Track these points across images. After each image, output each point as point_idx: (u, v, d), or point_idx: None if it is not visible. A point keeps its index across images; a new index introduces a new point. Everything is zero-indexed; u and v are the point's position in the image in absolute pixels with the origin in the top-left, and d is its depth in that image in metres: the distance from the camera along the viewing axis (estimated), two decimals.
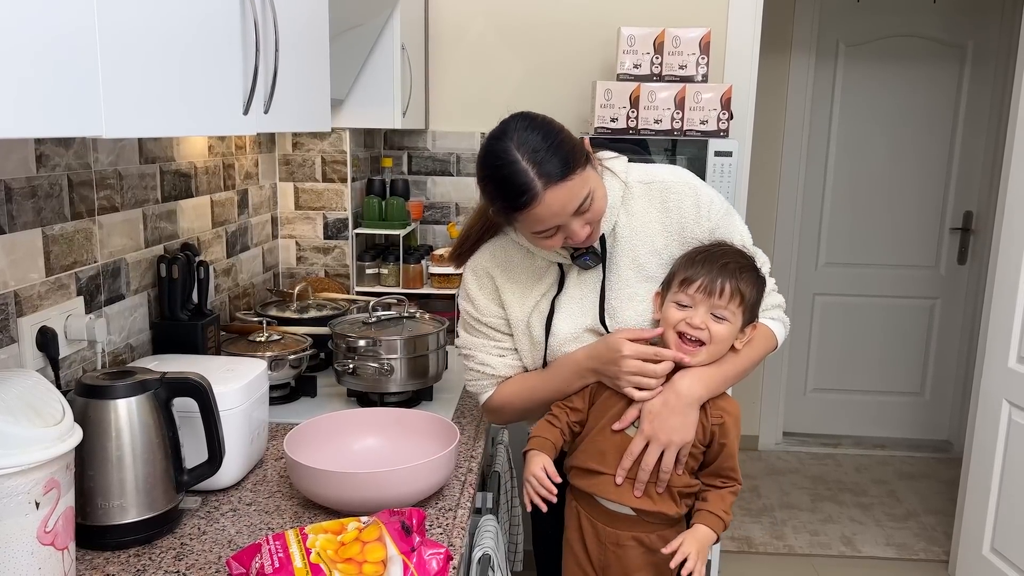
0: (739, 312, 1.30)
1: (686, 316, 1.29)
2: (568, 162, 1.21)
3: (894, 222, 3.91)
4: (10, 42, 0.68)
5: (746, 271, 1.31)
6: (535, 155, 1.19)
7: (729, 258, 1.31)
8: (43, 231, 1.30)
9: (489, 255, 1.44)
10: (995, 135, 3.74)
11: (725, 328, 1.29)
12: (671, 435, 1.28)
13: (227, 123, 1.11)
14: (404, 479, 1.23)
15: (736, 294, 1.28)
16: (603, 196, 1.29)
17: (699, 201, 1.37)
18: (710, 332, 1.28)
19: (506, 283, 1.42)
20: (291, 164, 2.34)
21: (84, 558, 1.12)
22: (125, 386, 1.14)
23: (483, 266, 1.44)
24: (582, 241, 1.28)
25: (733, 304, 1.28)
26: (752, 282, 1.31)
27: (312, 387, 1.80)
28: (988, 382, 2.58)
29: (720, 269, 1.29)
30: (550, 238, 1.27)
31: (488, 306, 1.44)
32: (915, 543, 3.16)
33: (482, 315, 1.45)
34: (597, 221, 1.28)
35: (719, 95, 2.23)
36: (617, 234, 1.38)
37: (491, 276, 1.43)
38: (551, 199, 1.20)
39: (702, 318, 1.28)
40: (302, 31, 1.41)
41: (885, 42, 3.74)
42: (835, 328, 4.03)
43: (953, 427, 4.03)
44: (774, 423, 4.04)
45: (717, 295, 1.27)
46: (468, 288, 1.46)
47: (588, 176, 1.24)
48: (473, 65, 2.65)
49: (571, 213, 1.23)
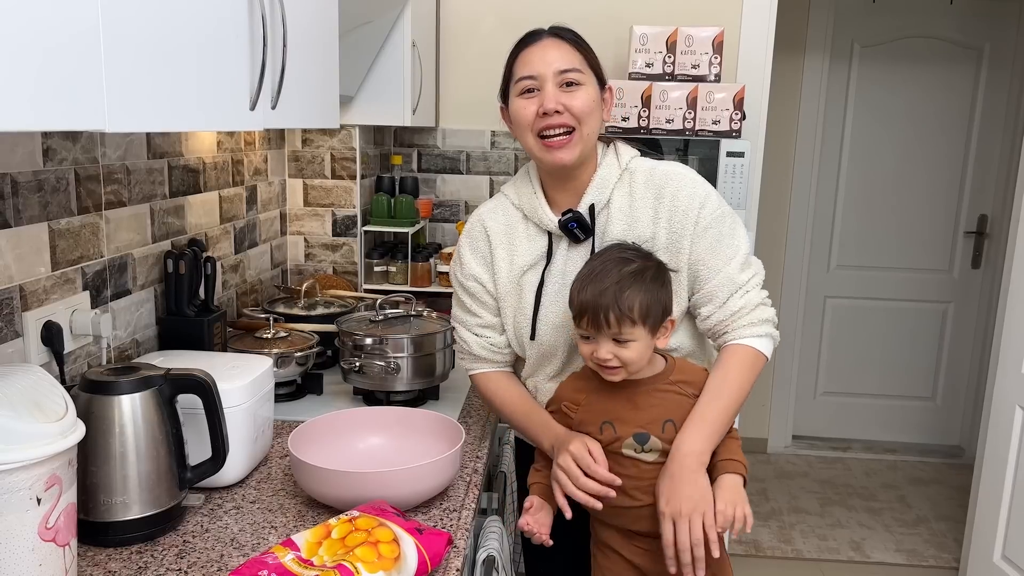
0: (638, 327, 1.24)
1: (592, 349, 1.27)
2: (580, 43, 1.36)
3: (907, 225, 3.88)
4: (10, 34, 0.67)
5: (628, 286, 1.23)
6: (556, 25, 1.39)
7: (610, 278, 1.24)
8: (49, 225, 1.30)
9: (488, 209, 1.48)
10: (1011, 138, 3.70)
11: (632, 350, 1.25)
12: (693, 506, 1.22)
13: (233, 118, 1.10)
14: (409, 479, 1.22)
15: (624, 318, 1.22)
16: (591, 106, 1.33)
17: (694, 194, 1.36)
18: (620, 358, 1.25)
19: (499, 238, 1.45)
20: (300, 160, 2.33)
21: (86, 554, 1.11)
22: (129, 382, 1.13)
23: (480, 219, 1.48)
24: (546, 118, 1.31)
25: (626, 327, 1.23)
26: (641, 291, 1.24)
27: (318, 385, 1.79)
28: (1001, 388, 2.55)
29: (600, 295, 1.23)
30: (529, 97, 1.33)
31: (473, 265, 1.46)
32: (925, 549, 3.13)
33: (465, 277, 1.47)
34: (575, 115, 1.32)
35: (732, 95, 2.21)
36: (611, 213, 1.38)
37: (485, 229, 1.46)
38: (549, 45, 1.34)
39: (607, 349, 1.25)
40: (311, 26, 1.40)
41: (900, 43, 3.71)
42: (846, 331, 4.00)
43: (965, 432, 3.99)
44: (784, 426, 4.01)
45: (606, 326, 1.23)
46: (460, 246, 1.50)
47: (591, 80, 1.35)
48: (484, 63, 2.64)
49: (556, 71, 1.32)
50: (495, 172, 2.70)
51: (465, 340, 1.50)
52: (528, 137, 1.35)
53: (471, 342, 1.49)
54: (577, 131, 1.32)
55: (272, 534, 1.19)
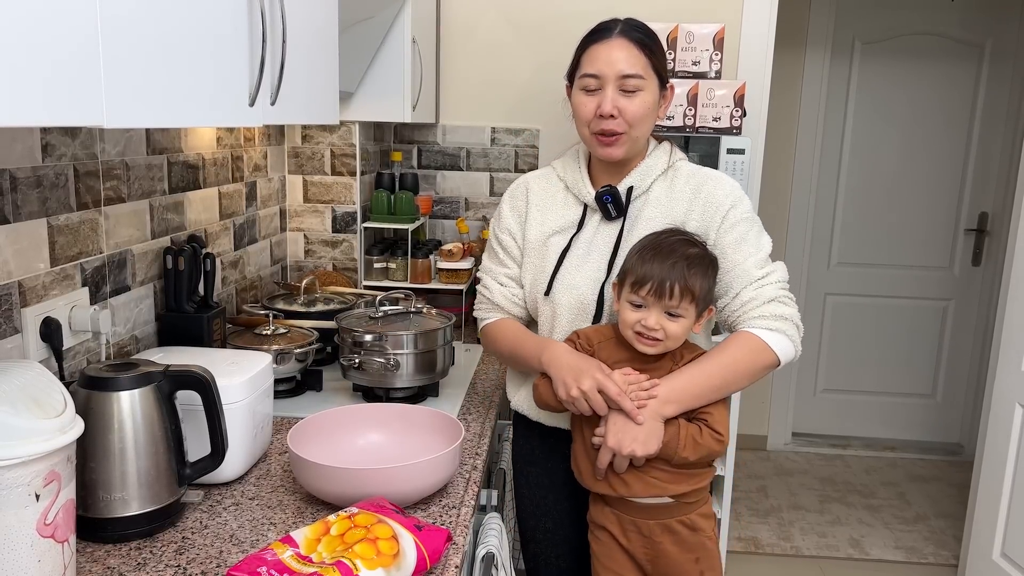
0: (691, 307, 1.32)
1: (641, 317, 1.32)
2: (647, 45, 1.38)
3: (908, 222, 3.87)
4: (7, 28, 0.67)
5: (694, 265, 1.32)
6: (633, 21, 1.41)
7: (677, 254, 1.32)
8: (48, 221, 1.30)
9: (535, 175, 1.58)
10: (1012, 136, 3.70)
11: (680, 325, 1.32)
12: (633, 446, 1.30)
13: (232, 114, 1.10)
14: (408, 475, 1.22)
15: (687, 293, 1.30)
16: (645, 111, 1.38)
17: (729, 193, 1.43)
18: (665, 331, 1.32)
19: (537, 199, 1.53)
20: (300, 157, 2.33)
21: (85, 550, 1.11)
22: (128, 378, 1.13)
23: (525, 181, 1.57)
24: (604, 118, 1.37)
25: (685, 302, 1.31)
26: (702, 274, 1.32)
27: (318, 381, 1.79)
28: (1001, 385, 2.55)
29: (670, 268, 1.30)
30: (590, 94, 1.39)
31: (509, 219, 1.55)
32: (924, 547, 3.13)
33: (500, 229, 1.56)
34: (630, 119, 1.37)
35: (732, 92, 2.21)
36: (648, 200, 1.46)
37: (527, 188, 1.55)
38: (617, 45, 1.37)
39: (656, 319, 1.31)
40: (310, 22, 1.39)
41: (902, 40, 3.70)
42: (847, 328, 3.99)
43: (965, 430, 3.99)
44: (783, 423, 4.01)
45: (668, 296, 1.29)
46: (502, 203, 1.58)
47: (652, 84, 1.39)
48: (484, 59, 2.63)
49: (619, 75, 1.36)
50: (495, 168, 2.69)
51: (488, 288, 1.57)
52: (584, 129, 1.43)
53: (494, 290, 1.56)
54: (626, 134, 1.39)
55: (271, 531, 1.19)
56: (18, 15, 0.68)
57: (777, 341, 1.36)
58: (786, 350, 1.37)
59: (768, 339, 1.36)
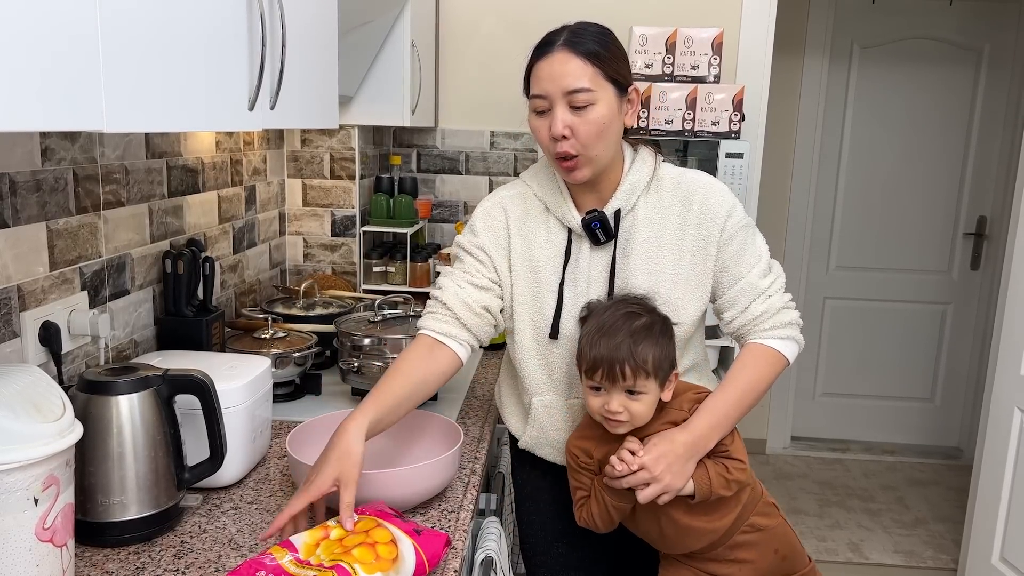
0: (650, 382, 1.25)
1: (604, 402, 1.26)
2: (598, 56, 1.27)
3: (907, 226, 3.88)
4: (6, 33, 0.67)
5: (641, 340, 1.24)
6: (578, 27, 1.30)
7: (623, 332, 1.24)
8: (47, 225, 1.30)
9: (510, 195, 1.45)
10: (1010, 140, 3.70)
11: (642, 403, 1.26)
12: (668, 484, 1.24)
13: (231, 119, 1.10)
14: (407, 480, 1.22)
15: (640, 371, 1.23)
16: (601, 126, 1.28)
17: (722, 203, 1.37)
18: (629, 411, 1.26)
19: (517, 226, 1.41)
20: (299, 160, 2.33)
21: (84, 555, 1.11)
22: (127, 382, 1.13)
23: (500, 200, 1.44)
24: (556, 142, 1.28)
25: (640, 379, 1.24)
26: (653, 344, 1.25)
27: (316, 385, 1.79)
28: (1000, 389, 2.55)
29: (615, 349, 1.23)
30: (542, 116, 1.30)
31: (485, 240, 1.42)
32: (923, 551, 3.13)
33: (472, 246, 1.42)
34: (583, 139, 1.27)
35: (731, 96, 2.21)
36: (636, 220, 1.38)
37: (505, 211, 1.43)
38: (559, 59, 1.26)
39: (618, 401, 1.25)
40: (310, 27, 1.40)
41: (900, 44, 3.71)
42: (846, 332, 4.00)
43: (964, 434, 3.99)
44: (782, 427, 4.01)
45: (622, 379, 1.23)
46: (475, 219, 1.45)
47: (607, 94, 1.28)
48: (483, 63, 2.64)
49: (564, 91, 1.26)
50: (494, 172, 2.69)
51: (441, 286, 1.41)
52: (547, 154, 1.35)
53: (448, 289, 1.39)
54: (582, 156, 1.29)
55: None
56: (17, 19, 0.68)
57: (788, 348, 1.39)
58: (794, 351, 1.40)
59: (780, 347, 1.38)
